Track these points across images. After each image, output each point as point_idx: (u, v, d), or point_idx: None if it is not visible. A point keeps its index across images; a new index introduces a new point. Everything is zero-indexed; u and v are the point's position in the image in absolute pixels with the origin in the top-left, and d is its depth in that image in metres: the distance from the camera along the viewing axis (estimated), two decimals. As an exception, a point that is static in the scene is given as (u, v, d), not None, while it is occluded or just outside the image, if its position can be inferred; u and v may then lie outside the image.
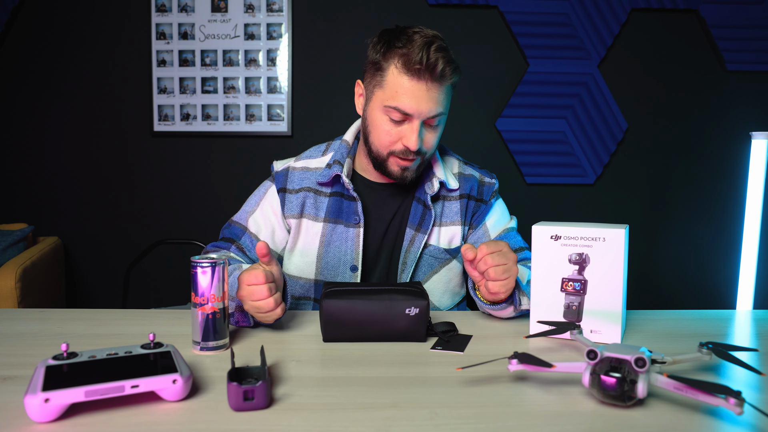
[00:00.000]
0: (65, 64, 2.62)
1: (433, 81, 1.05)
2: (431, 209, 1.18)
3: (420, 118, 1.07)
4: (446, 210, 1.21)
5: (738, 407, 0.61)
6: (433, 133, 1.11)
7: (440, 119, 1.11)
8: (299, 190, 1.20)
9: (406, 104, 1.06)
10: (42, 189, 2.68)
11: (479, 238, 1.24)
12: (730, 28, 2.62)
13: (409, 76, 1.05)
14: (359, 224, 1.17)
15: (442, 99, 1.08)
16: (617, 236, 0.89)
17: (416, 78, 1.05)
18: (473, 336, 0.96)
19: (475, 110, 2.68)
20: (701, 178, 2.73)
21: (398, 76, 1.06)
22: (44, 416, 0.63)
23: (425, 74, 1.04)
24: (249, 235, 1.20)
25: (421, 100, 1.06)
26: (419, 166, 1.14)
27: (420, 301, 0.92)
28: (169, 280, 2.72)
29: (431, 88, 1.06)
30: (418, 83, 1.05)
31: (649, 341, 0.94)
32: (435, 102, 1.07)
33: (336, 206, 1.18)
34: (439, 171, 1.20)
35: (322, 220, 1.18)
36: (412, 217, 1.19)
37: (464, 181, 1.24)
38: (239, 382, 0.69)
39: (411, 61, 1.04)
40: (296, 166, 1.22)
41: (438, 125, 1.11)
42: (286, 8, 2.60)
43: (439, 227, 1.20)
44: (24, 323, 1.02)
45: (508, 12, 2.60)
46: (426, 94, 1.05)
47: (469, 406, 0.69)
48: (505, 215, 1.28)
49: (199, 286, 0.86)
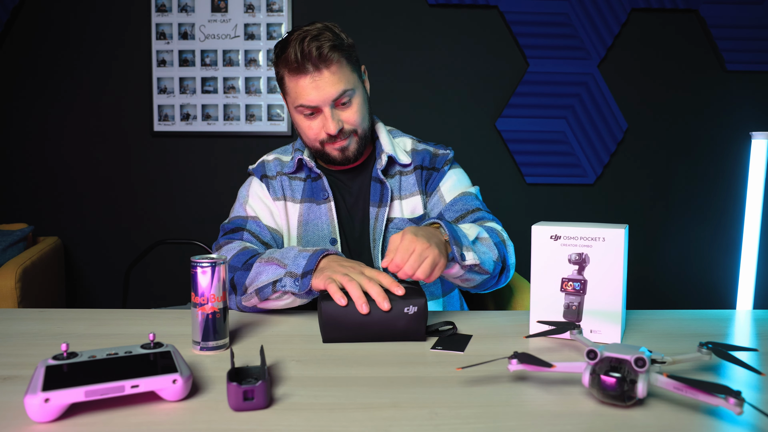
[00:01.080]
0: (65, 64, 2.62)
1: (317, 69, 1.10)
2: (386, 183, 1.22)
3: (327, 105, 1.13)
4: (403, 184, 1.25)
5: (738, 407, 0.61)
6: (349, 110, 1.16)
7: (350, 95, 1.14)
8: (276, 176, 1.28)
9: (306, 99, 1.12)
10: (42, 189, 2.68)
11: (435, 204, 1.26)
12: (730, 28, 2.62)
13: (295, 76, 1.12)
14: (328, 198, 1.23)
15: (338, 78, 1.12)
16: (617, 236, 0.89)
17: (301, 74, 1.11)
18: (473, 336, 0.96)
19: (475, 110, 2.68)
20: (701, 178, 2.73)
21: (289, 80, 1.14)
22: (44, 416, 0.63)
23: (305, 67, 1.10)
24: (252, 220, 1.24)
25: (315, 90, 1.11)
26: (358, 143, 1.19)
27: (418, 299, 0.92)
28: (169, 280, 2.72)
29: (318, 76, 1.11)
30: (305, 77, 1.11)
31: (649, 341, 0.94)
32: (331, 84, 1.11)
33: (308, 187, 1.25)
34: (387, 147, 1.25)
35: (299, 201, 1.25)
36: (373, 195, 1.23)
37: (417, 155, 1.28)
38: (239, 382, 0.69)
39: (289, 62, 1.11)
40: (269, 158, 1.31)
41: (350, 101, 1.15)
42: (286, 8, 2.60)
43: (400, 200, 1.24)
44: (24, 323, 1.02)
45: (508, 12, 2.61)
46: (317, 83, 1.11)
47: (469, 406, 0.69)
48: (462, 181, 1.29)
49: (199, 286, 0.86)
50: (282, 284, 1.00)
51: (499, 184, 2.70)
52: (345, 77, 1.13)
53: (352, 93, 1.15)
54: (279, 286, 1.00)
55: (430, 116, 2.67)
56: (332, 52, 1.11)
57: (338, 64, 1.12)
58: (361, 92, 1.19)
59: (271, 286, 1.01)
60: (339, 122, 1.14)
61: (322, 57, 1.10)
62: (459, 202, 1.24)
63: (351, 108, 1.16)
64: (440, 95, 2.67)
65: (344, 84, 1.13)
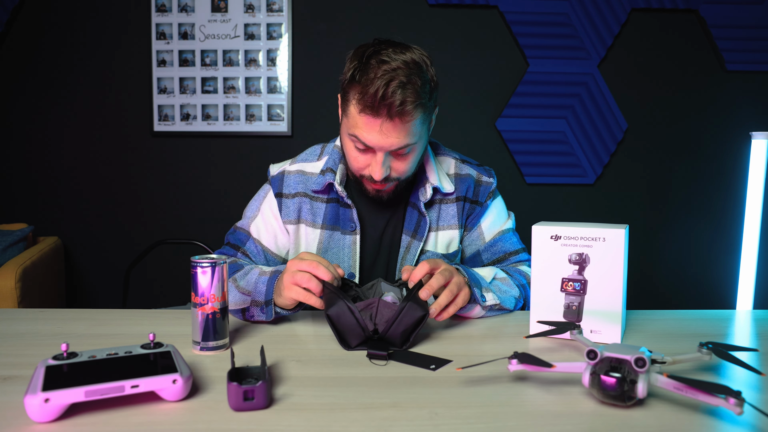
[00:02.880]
0: (65, 64, 2.62)
1: (390, 117, 0.99)
2: (426, 216, 1.16)
3: (383, 151, 1.04)
4: (443, 214, 1.20)
5: (738, 407, 0.61)
6: (403, 161, 1.07)
7: (410, 148, 1.06)
8: (295, 195, 1.19)
9: (365, 138, 1.03)
10: (42, 189, 2.68)
11: (474, 241, 1.23)
12: (730, 28, 2.62)
13: (366, 113, 1.00)
14: (355, 231, 1.16)
15: (407, 133, 1.02)
16: (617, 236, 0.89)
17: (373, 115, 1.00)
18: (473, 336, 0.96)
19: (475, 110, 2.68)
20: (701, 178, 2.73)
21: (357, 109, 1.02)
22: (44, 416, 0.63)
23: (381, 111, 0.99)
24: (253, 241, 1.20)
25: (380, 136, 1.01)
26: (397, 187, 1.12)
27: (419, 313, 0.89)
28: (169, 280, 2.72)
29: (389, 124, 1.00)
30: (375, 119, 1.00)
31: (649, 341, 0.94)
32: (397, 137, 1.02)
33: (333, 213, 1.17)
34: (432, 176, 1.17)
35: (320, 227, 1.17)
36: (408, 224, 1.17)
37: (460, 182, 1.21)
38: (239, 382, 0.69)
39: (366, 97, 0.99)
40: (291, 169, 1.21)
41: (408, 153, 1.07)
42: (286, 8, 2.60)
43: (435, 232, 1.19)
44: (24, 323, 1.02)
45: (508, 12, 2.60)
46: (384, 131, 1.01)
47: (469, 406, 0.69)
48: (501, 216, 1.26)
49: (199, 286, 0.86)
50: (250, 314, 1.03)
51: (499, 184, 2.70)
52: (414, 132, 1.03)
53: (413, 146, 1.06)
54: (248, 315, 1.04)
55: (430, 116, 2.66)
56: (415, 109, 1.00)
57: (413, 120, 1.02)
58: (422, 144, 1.10)
59: (241, 314, 1.05)
60: (388, 169, 1.06)
61: (403, 112, 0.99)
62: (499, 242, 1.23)
63: (406, 159, 1.07)
64: (440, 95, 2.66)
65: (410, 138, 1.03)
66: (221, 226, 2.68)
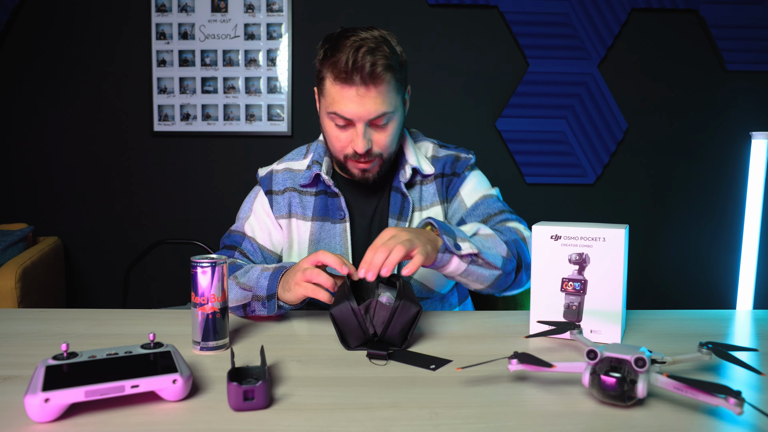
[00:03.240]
0: (65, 64, 2.62)
1: (364, 84, 1.04)
2: (408, 196, 1.19)
3: (362, 122, 1.07)
4: (424, 194, 1.21)
5: (738, 407, 0.61)
6: (383, 132, 1.11)
7: (388, 118, 1.09)
8: (284, 191, 1.22)
9: (343, 110, 1.06)
10: (42, 189, 2.68)
11: (456, 209, 1.22)
12: (730, 28, 2.62)
13: (340, 84, 1.05)
14: (344, 219, 1.18)
15: (383, 99, 1.06)
16: (617, 236, 0.89)
17: (347, 84, 1.05)
18: (473, 336, 0.96)
19: (475, 110, 2.68)
20: (701, 178, 2.73)
21: (332, 84, 1.07)
22: (44, 416, 0.63)
23: (354, 79, 1.04)
24: (248, 240, 1.22)
25: (357, 105, 1.05)
26: (381, 166, 1.15)
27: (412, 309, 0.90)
28: (169, 280, 2.72)
29: (364, 91, 1.05)
30: (350, 89, 1.05)
31: (649, 341, 0.94)
32: (374, 104, 1.06)
33: (322, 204, 1.20)
34: (411, 158, 1.20)
35: (310, 219, 1.21)
36: (393, 207, 1.20)
37: (438, 162, 1.23)
38: (239, 382, 0.69)
39: (338, 68, 1.04)
40: (279, 168, 1.25)
41: (387, 125, 1.10)
42: (286, 8, 2.60)
43: (420, 212, 1.21)
44: (24, 323, 1.02)
45: (508, 12, 2.61)
46: (360, 99, 1.05)
47: (469, 406, 0.69)
48: (483, 184, 1.24)
49: (199, 286, 0.86)
50: (251, 309, 1.05)
51: (499, 184, 2.70)
52: (390, 99, 1.08)
53: (390, 116, 1.10)
54: (249, 310, 1.05)
55: (431, 116, 2.67)
56: (385, 71, 1.05)
57: (387, 85, 1.06)
58: (400, 115, 1.14)
59: (242, 309, 1.06)
60: (369, 142, 1.09)
61: (374, 75, 1.04)
62: (481, 206, 1.21)
63: (385, 131, 1.11)
64: (440, 95, 2.67)
65: (387, 106, 1.07)
66: (221, 226, 2.69)
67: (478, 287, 1.07)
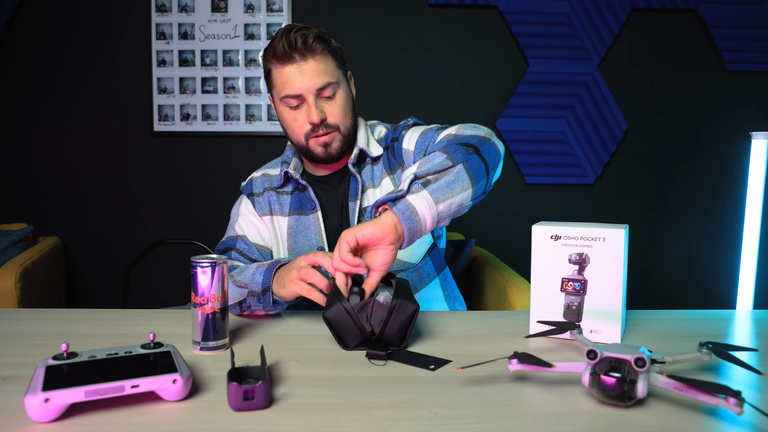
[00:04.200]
0: (65, 64, 2.62)
1: (303, 57, 1.13)
2: (357, 175, 1.21)
3: (310, 94, 1.14)
4: (375, 172, 1.24)
5: (738, 407, 0.61)
6: (333, 104, 1.16)
7: (334, 89, 1.16)
8: (263, 192, 1.30)
9: (291, 88, 1.14)
10: (42, 189, 2.68)
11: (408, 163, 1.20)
12: (730, 28, 2.62)
13: (282, 64, 1.14)
14: (315, 209, 1.24)
15: (324, 69, 1.14)
16: (617, 236, 0.89)
17: (287, 62, 1.13)
18: (473, 336, 0.96)
19: (475, 110, 2.68)
20: (701, 178, 2.73)
21: (276, 71, 1.16)
22: (44, 416, 0.63)
23: (291, 55, 1.12)
24: (241, 239, 1.27)
25: (300, 77, 1.13)
26: (342, 141, 1.19)
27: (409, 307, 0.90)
28: (169, 280, 2.72)
29: (304, 65, 1.13)
30: (291, 65, 1.13)
31: (649, 341, 0.94)
32: (316, 73, 1.13)
33: (296, 200, 1.26)
34: (361, 141, 1.24)
35: (287, 214, 1.27)
36: (351, 191, 1.23)
37: (383, 139, 1.27)
38: (239, 382, 0.69)
39: (276, 53, 1.13)
40: (257, 175, 1.33)
41: (334, 95, 1.16)
42: (286, 8, 2.60)
43: (374, 189, 1.23)
44: (24, 323, 1.02)
45: (508, 12, 2.61)
46: (302, 70, 1.13)
47: (469, 406, 0.69)
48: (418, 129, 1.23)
49: (199, 286, 0.86)
50: (247, 305, 1.07)
51: (499, 184, 2.70)
52: (330, 70, 1.15)
53: (336, 87, 1.16)
54: (245, 306, 1.07)
55: (431, 116, 2.67)
56: (317, 42, 1.13)
57: (323, 55, 1.14)
58: (346, 89, 1.20)
59: (238, 307, 1.08)
60: (322, 113, 1.15)
61: (308, 46, 1.12)
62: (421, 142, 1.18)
63: (335, 102, 1.17)
64: (440, 95, 2.67)
65: (329, 76, 1.15)
66: (221, 226, 2.69)
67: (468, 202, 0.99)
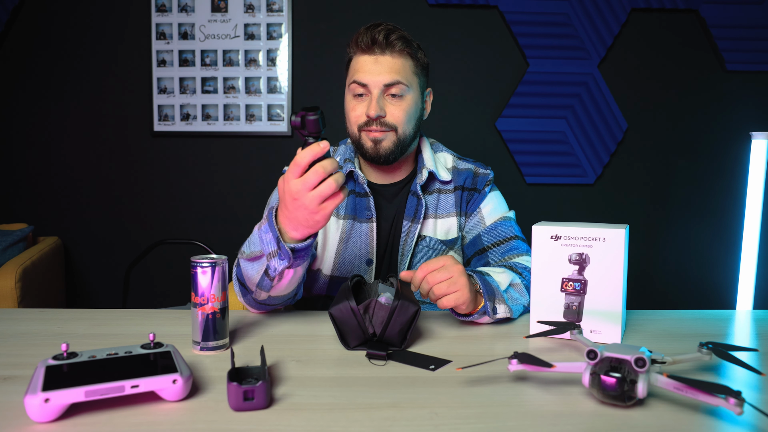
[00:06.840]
0: (65, 64, 2.62)
1: (382, 52, 1.15)
2: (422, 199, 1.22)
3: (376, 87, 1.14)
4: (441, 202, 1.25)
5: (738, 407, 0.61)
6: (397, 104, 1.16)
7: (402, 90, 1.15)
8: None
9: (361, 75, 1.15)
10: (42, 189, 2.68)
11: (475, 225, 1.26)
12: (730, 28, 2.62)
13: (361, 53, 1.16)
14: (372, 219, 1.21)
15: (398, 68, 1.15)
16: (617, 236, 0.89)
17: (367, 52, 1.16)
18: (473, 336, 0.96)
19: (475, 110, 2.68)
20: (701, 178, 2.73)
21: (355, 58, 1.18)
22: (44, 416, 0.63)
23: (372, 48, 1.15)
24: None
25: (373, 69, 1.14)
26: (395, 143, 1.16)
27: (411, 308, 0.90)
28: (169, 280, 2.72)
29: (381, 58, 1.15)
30: (369, 56, 1.15)
31: (649, 341, 0.94)
32: (388, 70, 1.14)
33: (351, 204, 1.23)
34: (429, 162, 1.24)
35: (342, 217, 1.22)
36: (408, 210, 1.23)
37: (458, 174, 1.28)
38: (239, 382, 0.69)
39: (359, 42, 1.16)
40: None
41: (401, 96, 1.16)
42: (286, 8, 2.60)
43: (435, 219, 1.24)
44: (24, 323, 1.02)
45: (508, 12, 2.60)
46: (377, 64, 1.15)
47: (469, 406, 0.69)
48: (502, 204, 1.30)
49: (199, 286, 0.86)
50: (273, 270, 0.95)
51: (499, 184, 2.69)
52: (404, 71, 1.16)
53: (406, 90, 1.16)
54: (272, 272, 0.96)
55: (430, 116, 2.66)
56: (399, 41, 1.15)
57: (401, 54, 1.15)
58: (416, 98, 1.19)
59: (265, 277, 0.98)
60: (382, 110, 1.14)
61: (389, 42, 1.14)
62: (499, 227, 1.24)
63: (400, 104, 1.16)
64: (440, 95, 2.67)
65: (400, 75, 1.15)
66: (221, 226, 2.69)
67: None
